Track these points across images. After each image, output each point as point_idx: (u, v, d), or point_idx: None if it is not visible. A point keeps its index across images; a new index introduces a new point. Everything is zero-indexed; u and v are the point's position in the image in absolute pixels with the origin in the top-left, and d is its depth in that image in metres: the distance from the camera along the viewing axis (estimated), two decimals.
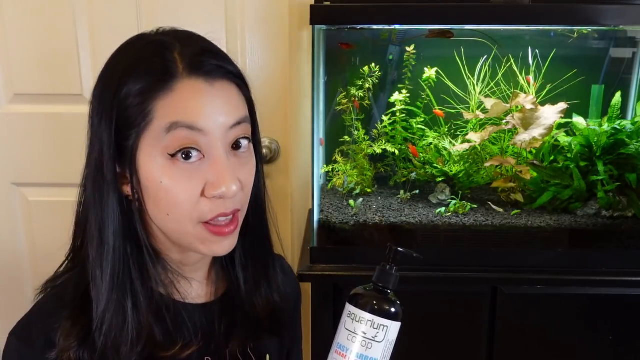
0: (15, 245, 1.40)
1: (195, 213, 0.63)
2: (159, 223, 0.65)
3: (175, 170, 0.61)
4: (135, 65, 0.62)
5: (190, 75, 0.61)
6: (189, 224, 0.63)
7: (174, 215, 0.63)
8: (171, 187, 0.61)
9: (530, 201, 1.15)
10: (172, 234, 0.66)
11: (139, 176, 0.62)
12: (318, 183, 1.14)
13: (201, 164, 0.62)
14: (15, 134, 1.34)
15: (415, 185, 1.22)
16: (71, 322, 0.64)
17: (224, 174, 0.61)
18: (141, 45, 0.65)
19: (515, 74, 1.19)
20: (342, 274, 1.06)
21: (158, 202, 0.63)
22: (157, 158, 0.61)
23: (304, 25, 1.24)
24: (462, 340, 1.11)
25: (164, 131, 0.60)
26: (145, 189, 0.63)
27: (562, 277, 1.05)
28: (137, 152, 0.62)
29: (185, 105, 0.61)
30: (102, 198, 0.64)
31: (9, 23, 1.27)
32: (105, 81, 0.64)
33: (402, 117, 1.22)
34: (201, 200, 0.62)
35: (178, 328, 0.69)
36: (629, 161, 1.10)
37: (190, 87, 0.61)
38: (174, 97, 0.61)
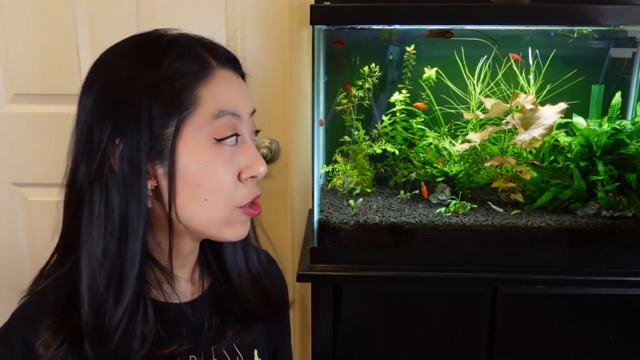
0: (15, 245, 1.40)
1: (236, 196, 0.65)
2: (189, 213, 0.65)
3: (220, 153, 0.64)
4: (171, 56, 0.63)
5: (222, 67, 0.67)
6: (226, 208, 0.66)
7: (214, 199, 0.64)
8: (217, 170, 0.64)
9: (530, 201, 1.15)
10: (201, 223, 0.66)
11: (176, 165, 0.63)
12: (318, 183, 1.14)
13: (236, 148, 0.66)
14: (15, 134, 1.34)
15: (415, 185, 1.22)
16: (52, 332, 0.63)
17: (258, 156, 0.67)
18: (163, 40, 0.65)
19: (515, 74, 1.19)
20: (342, 274, 1.06)
21: (197, 187, 0.63)
22: (202, 143, 0.63)
23: (304, 25, 1.24)
24: (462, 340, 1.11)
25: (211, 117, 0.63)
26: (182, 176, 0.63)
27: (562, 277, 1.05)
28: (177, 141, 0.62)
29: (226, 93, 0.65)
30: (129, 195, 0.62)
31: (9, 23, 1.27)
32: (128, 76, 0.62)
33: (402, 117, 1.22)
34: (239, 185, 0.66)
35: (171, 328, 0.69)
36: (629, 161, 1.10)
37: (226, 77, 0.67)
38: (215, 84, 0.64)
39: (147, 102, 0.61)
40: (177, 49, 0.64)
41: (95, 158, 0.62)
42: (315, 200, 1.11)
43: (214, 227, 0.67)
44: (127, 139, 0.61)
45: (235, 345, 0.75)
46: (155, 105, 0.61)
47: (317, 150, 1.12)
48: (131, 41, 0.67)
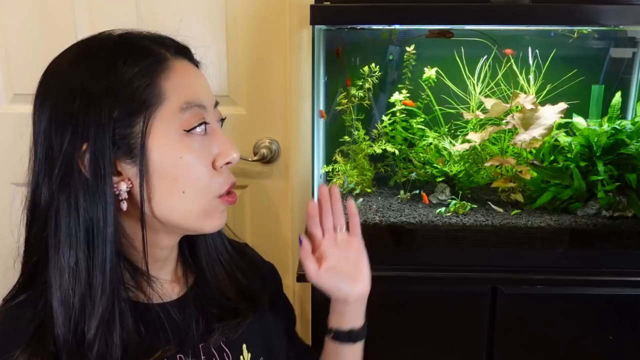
0: (15, 245, 1.40)
1: (213, 185, 0.66)
2: (167, 208, 0.64)
3: (193, 144, 0.64)
4: (123, 55, 0.62)
5: (177, 57, 0.66)
6: (205, 199, 0.66)
7: (192, 190, 0.64)
8: (191, 161, 0.64)
9: (530, 201, 1.15)
10: (179, 216, 0.65)
11: (148, 161, 0.62)
12: (318, 183, 1.14)
13: (205, 138, 0.65)
14: (15, 134, 1.34)
15: (415, 185, 1.22)
16: (28, 355, 0.61)
17: (229, 142, 0.67)
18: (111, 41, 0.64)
19: (515, 74, 1.19)
20: None
21: (173, 181, 0.63)
22: (172, 136, 0.63)
23: (304, 25, 1.24)
24: (462, 340, 1.11)
25: (179, 111, 0.63)
26: (156, 172, 0.63)
27: (562, 277, 1.05)
28: (146, 137, 0.61)
29: (189, 84, 0.65)
30: (96, 200, 0.61)
31: (9, 23, 1.27)
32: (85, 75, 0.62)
33: (402, 117, 1.22)
34: (214, 174, 0.66)
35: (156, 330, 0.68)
36: (629, 161, 1.10)
37: (184, 67, 0.66)
38: (176, 75, 0.64)
39: (106, 106, 0.60)
40: (127, 47, 0.64)
41: (57, 170, 0.62)
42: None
43: (193, 219, 0.66)
44: (91, 145, 0.60)
45: (223, 342, 0.75)
46: (115, 107, 0.61)
47: (317, 150, 1.12)
48: (79, 47, 0.66)
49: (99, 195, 0.61)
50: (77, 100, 0.61)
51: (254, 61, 1.28)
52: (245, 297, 0.78)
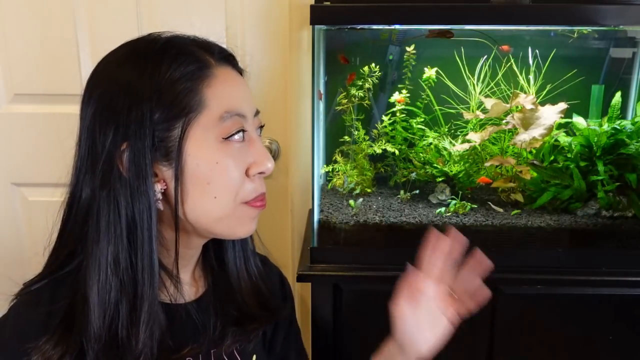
0: (15, 245, 1.40)
1: (241, 193, 0.66)
2: (199, 212, 0.65)
3: (228, 150, 0.64)
4: (169, 58, 0.63)
5: (222, 64, 0.67)
6: (232, 205, 0.66)
7: (222, 196, 0.65)
8: (225, 166, 0.64)
9: (530, 201, 1.15)
10: (211, 221, 0.66)
11: (184, 164, 0.63)
12: (318, 183, 1.14)
13: (242, 146, 0.66)
14: (15, 134, 1.34)
15: (415, 185, 1.22)
16: (52, 344, 0.62)
17: (265, 153, 0.68)
18: (159, 44, 0.65)
19: (515, 74, 1.19)
20: (342, 274, 1.06)
21: (206, 186, 0.64)
22: (210, 142, 0.64)
23: (304, 25, 1.24)
24: (462, 340, 1.11)
25: (218, 119, 0.64)
26: (191, 176, 0.63)
27: (562, 277, 1.05)
28: (184, 142, 0.63)
29: (231, 93, 0.66)
30: (135, 199, 0.62)
31: (9, 23, 1.27)
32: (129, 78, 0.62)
33: (402, 117, 1.22)
34: (246, 180, 0.67)
35: (178, 330, 0.69)
36: (629, 161, 1.10)
37: (227, 74, 0.67)
38: (219, 83, 0.65)
39: (148, 107, 0.61)
40: (173, 51, 0.64)
41: (99, 166, 0.62)
42: (315, 200, 1.11)
43: (225, 224, 0.67)
44: (131, 144, 0.61)
45: (235, 350, 0.75)
46: (157, 109, 0.61)
47: (317, 150, 1.12)
48: (127, 47, 0.67)
49: (140, 194, 0.62)
50: (121, 99, 0.62)
51: (254, 61, 1.28)
52: (263, 306, 0.78)
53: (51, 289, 0.67)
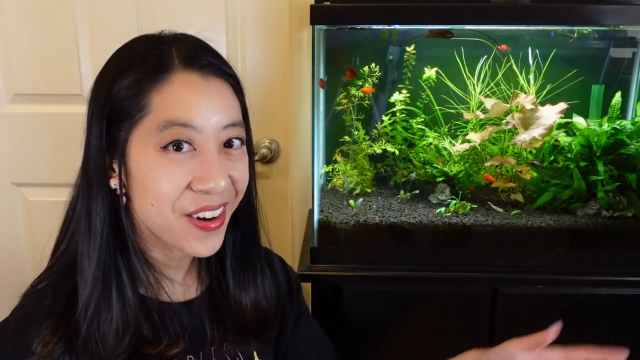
0: (15, 245, 1.40)
1: (178, 204, 0.64)
2: (143, 215, 0.65)
3: (166, 160, 0.62)
4: (131, 59, 0.64)
5: (185, 69, 0.63)
6: (172, 216, 0.64)
7: (158, 205, 0.63)
8: (159, 175, 0.62)
9: (530, 201, 1.15)
10: (156, 228, 0.66)
11: (128, 166, 0.63)
12: (318, 183, 1.14)
13: (192, 157, 0.63)
14: (15, 134, 1.34)
15: (415, 185, 1.22)
16: (51, 330, 0.63)
17: (214, 170, 0.63)
18: (138, 42, 0.67)
19: (515, 74, 1.19)
20: (342, 274, 1.06)
21: (144, 191, 0.63)
22: (149, 149, 0.62)
23: (304, 25, 1.24)
24: (462, 340, 1.11)
25: (157, 127, 0.62)
26: (133, 179, 0.64)
27: (562, 277, 1.05)
28: (128, 143, 0.63)
29: (181, 101, 0.62)
30: (91, 190, 0.65)
31: (9, 23, 1.27)
32: (102, 77, 0.66)
33: (402, 117, 1.22)
34: (185, 193, 0.63)
35: (164, 326, 0.69)
36: (629, 161, 1.10)
37: (185, 81, 0.63)
38: (170, 90, 0.62)
39: (104, 105, 0.64)
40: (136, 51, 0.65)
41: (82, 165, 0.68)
42: (315, 200, 1.11)
43: (169, 235, 0.66)
44: (92, 141, 0.65)
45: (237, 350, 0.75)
46: (110, 108, 0.63)
47: (317, 150, 1.12)
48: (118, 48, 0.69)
49: (93, 188, 0.65)
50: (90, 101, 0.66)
51: (254, 61, 1.28)
52: (260, 322, 0.77)
53: (53, 286, 0.68)
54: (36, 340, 0.63)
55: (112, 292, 0.65)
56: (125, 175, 0.64)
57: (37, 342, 0.62)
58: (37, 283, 0.70)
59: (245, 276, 0.76)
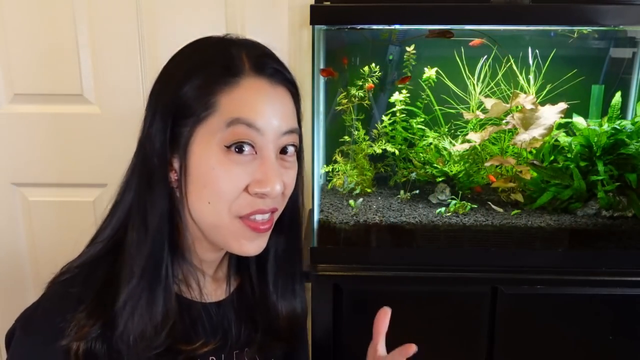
0: (15, 245, 1.40)
1: (235, 206, 0.65)
2: (198, 213, 0.66)
3: (227, 160, 0.64)
4: (203, 59, 0.66)
5: (256, 74, 0.65)
6: (226, 216, 0.65)
7: (215, 204, 0.64)
8: (220, 174, 0.63)
9: (530, 201, 1.15)
10: (207, 226, 0.67)
11: (189, 162, 0.64)
12: (318, 183, 1.14)
13: (252, 160, 0.65)
14: (15, 134, 1.34)
15: (415, 185, 1.22)
16: (86, 314, 0.64)
17: (272, 174, 0.65)
18: (208, 43, 0.68)
19: (515, 74, 1.19)
20: (342, 274, 1.06)
21: (202, 188, 0.64)
22: (212, 146, 0.63)
23: (304, 25, 1.24)
24: (462, 340, 1.11)
25: (224, 124, 0.63)
26: (193, 176, 0.65)
27: (562, 277, 1.05)
28: (191, 140, 0.64)
29: (249, 102, 0.64)
30: (151, 183, 0.65)
31: (9, 23, 1.27)
32: (170, 71, 0.67)
33: (402, 117, 1.22)
34: (242, 195, 0.65)
35: (195, 325, 0.70)
36: (629, 161, 1.10)
37: (255, 85, 0.65)
38: (239, 92, 0.64)
39: (171, 102, 0.65)
40: (209, 53, 0.66)
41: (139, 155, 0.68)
42: (315, 200, 1.11)
43: (220, 234, 0.67)
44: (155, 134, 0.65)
45: (257, 355, 0.76)
46: (176, 105, 0.64)
47: (317, 150, 1.12)
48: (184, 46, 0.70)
49: (153, 182, 0.66)
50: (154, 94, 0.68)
51: None
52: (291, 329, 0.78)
53: (85, 274, 0.68)
54: (71, 324, 0.64)
55: (159, 286, 0.66)
56: (185, 172, 0.65)
57: (73, 326, 0.64)
58: (66, 270, 0.71)
59: (284, 281, 0.77)
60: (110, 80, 1.29)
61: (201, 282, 0.73)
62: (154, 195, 0.65)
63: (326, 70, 1.17)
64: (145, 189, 0.66)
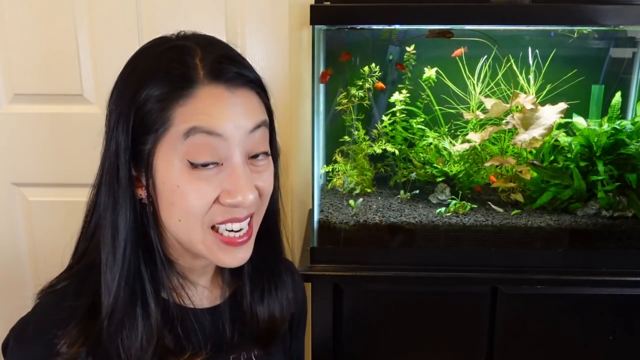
0: (15, 245, 1.40)
1: (207, 217, 0.63)
2: (171, 228, 0.65)
3: (192, 177, 0.61)
4: (155, 70, 0.62)
5: (211, 82, 0.61)
6: (199, 230, 0.63)
7: (185, 221, 0.62)
8: (187, 192, 0.61)
9: (530, 201, 1.15)
10: (183, 241, 0.65)
11: (155, 180, 0.62)
12: (318, 183, 1.14)
13: (219, 172, 0.61)
14: (15, 134, 1.34)
15: (415, 185, 1.22)
16: (77, 331, 0.63)
17: (241, 183, 0.61)
18: (161, 49, 0.64)
19: (515, 74, 1.19)
20: (342, 274, 1.06)
21: (171, 206, 0.62)
22: (174, 163, 0.61)
23: (304, 25, 1.24)
24: (462, 340, 1.11)
25: (182, 137, 0.60)
26: (160, 193, 0.62)
27: (562, 277, 1.05)
28: (154, 157, 0.61)
29: (205, 111, 0.60)
30: (117, 201, 0.63)
31: (9, 23, 1.27)
32: (124, 84, 0.64)
33: (402, 117, 1.22)
34: (214, 206, 0.62)
35: (187, 335, 0.69)
36: (629, 161, 1.10)
37: (210, 94, 0.61)
38: (194, 103, 0.60)
39: (129, 116, 0.62)
40: (164, 69, 0.62)
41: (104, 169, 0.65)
42: (315, 200, 1.11)
43: (199, 248, 0.65)
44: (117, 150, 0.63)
45: (254, 355, 0.75)
46: (135, 120, 0.62)
47: (317, 150, 1.12)
48: (138, 51, 0.67)
49: (119, 199, 0.63)
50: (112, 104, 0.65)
51: (254, 61, 1.28)
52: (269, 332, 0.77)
53: (75, 287, 0.67)
54: (62, 341, 0.62)
55: (136, 305, 0.64)
56: (153, 189, 0.63)
57: (63, 343, 0.62)
58: (56, 282, 0.69)
59: (263, 285, 0.75)
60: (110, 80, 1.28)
61: (193, 289, 0.71)
62: (119, 213, 0.63)
63: (324, 74, 1.17)
64: (112, 206, 0.64)
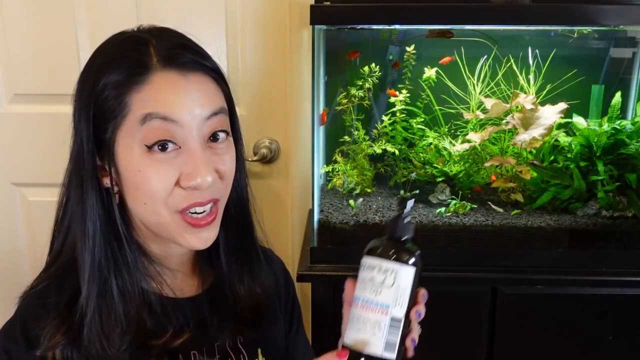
0: (15, 245, 1.40)
1: (171, 201, 0.64)
2: (138, 214, 0.67)
3: (152, 160, 0.63)
4: (111, 60, 0.64)
5: (164, 68, 0.63)
6: (165, 213, 0.65)
7: (150, 204, 0.64)
8: (147, 176, 0.63)
9: (530, 201, 1.15)
10: (151, 224, 0.67)
11: (118, 167, 0.64)
12: (318, 183, 1.14)
13: (177, 155, 0.64)
14: (15, 134, 1.34)
15: (415, 185, 1.22)
16: (57, 322, 0.65)
17: (199, 166, 0.63)
18: (118, 41, 0.67)
19: (515, 74, 1.19)
20: (342, 274, 1.06)
21: (135, 191, 0.64)
22: (134, 149, 0.63)
23: (304, 25, 1.24)
24: (462, 340, 1.11)
25: (139, 123, 0.62)
26: (124, 179, 0.65)
27: (562, 277, 1.05)
28: (115, 145, 0.64)
29: (160, 97, 0.62)
30: (85, 191, 0.65)
31: (9, 23, 1.27)
32: (84, 77, 0.67)
33: (402, 117, 1.22)
34: (175, 190, 0.64)
35: (168, 319, 0.70)
36: (629, 161, 1.10)
37: (164, 80, 0.63)
38: (149, 89, 0.62)
39: (89, 107, 0.64)
40: (118, 58, 0.64)
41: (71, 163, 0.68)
42: (315, 200, 1.11)
43: (165, 232, 0.67)
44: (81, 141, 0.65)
45: (240, 343, 0.76)
46: (95, 110, 0.64)
47: (317, 150, 1.12)
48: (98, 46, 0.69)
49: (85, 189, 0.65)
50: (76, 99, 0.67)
51: (254, 61, 1.28)
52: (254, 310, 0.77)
53: (57, 284, 0.69)
54: (42, 334, 0.64)
55: (112, 289, 0.66)
56: (117, 176, 0.65)
57: (43, 337, 0.64)
58: (37, 283, 0.71)
59: (240, 267, 0.76)
60: None
61: (173, 278, 0.73)
62: (87, 203, 0.65)
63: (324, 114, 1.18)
64: (79, 197, 0.66)
